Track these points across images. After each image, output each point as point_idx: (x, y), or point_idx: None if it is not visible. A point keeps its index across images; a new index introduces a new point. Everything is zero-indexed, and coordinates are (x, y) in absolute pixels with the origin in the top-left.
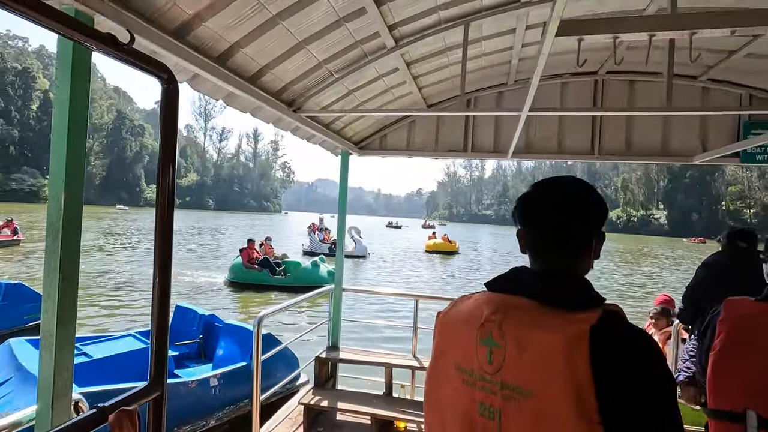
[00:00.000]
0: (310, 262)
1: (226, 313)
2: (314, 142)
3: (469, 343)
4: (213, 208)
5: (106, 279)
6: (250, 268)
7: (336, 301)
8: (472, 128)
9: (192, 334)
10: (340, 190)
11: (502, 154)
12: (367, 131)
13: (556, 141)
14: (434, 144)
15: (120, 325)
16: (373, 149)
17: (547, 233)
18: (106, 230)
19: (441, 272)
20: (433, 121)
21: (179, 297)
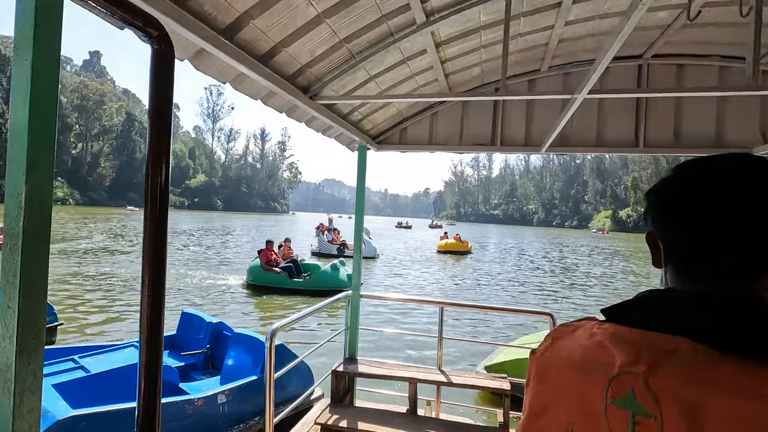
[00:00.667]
0: (329, 265)
1: (246, 320)
2: (330, 135)
3: (592, 401)
4: (221, 209)
5: (110, 281)
6: (268, 270)
7: (353, 309)
8: (501, 120)
9: (199, 343)
10: (358, 187)
11: (534, 148)
12: (386, 124)
13: (595, 132)
14: (459, 137)
15: (121, 332)
16: (392, 143)
17: (748, 240)
18: (116, 232)
19: (455, 272)
20: (457, 112)
21: (190, 302)
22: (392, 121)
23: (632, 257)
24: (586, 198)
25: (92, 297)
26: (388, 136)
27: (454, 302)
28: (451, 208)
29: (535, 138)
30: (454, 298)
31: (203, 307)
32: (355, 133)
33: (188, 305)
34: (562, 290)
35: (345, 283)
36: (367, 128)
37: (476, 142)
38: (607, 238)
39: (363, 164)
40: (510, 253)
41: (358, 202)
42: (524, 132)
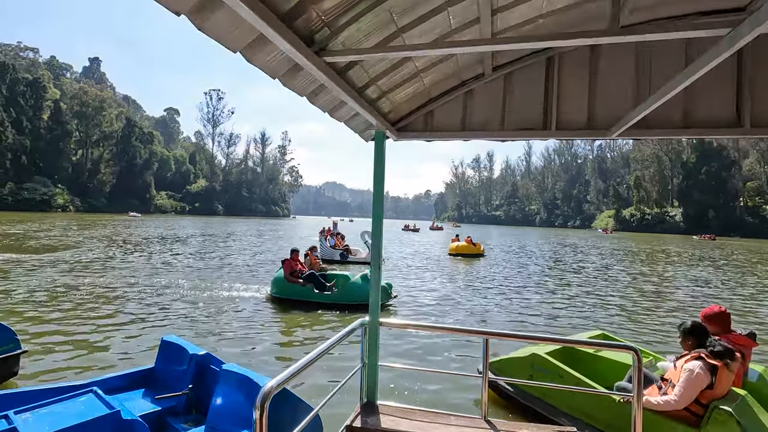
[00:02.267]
0: (359, 276)
1: (262, 348)
2: (340, 117)
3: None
4: (222, 214)
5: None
6: (293, 282)
7: (371, 340)
8: (557, 98)
9: (181, 379)
10: (375, 185)
11: (599, 133)
12: (408, 106)
13: (681, 111)
14: (500, 121)
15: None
16: (415, 131)
17: None
18: (126, 238)
19: (472, 279)
20: (498, 90)
21: (199, 320)
22: (416, 101)
23: (645, 256)
24: (589, 198)
25: (69, 317)
26: (410, 121)
27: (503, 332)
28: (452, 210)
29: (601, 121)
30: (488, 316)
31: (216, 325)
32: (371, 114)
33: (201, 323)
34: (608, 300)
35: None
36: (385, 110)
37: (523, 127)
38: (613, 238)
39: (381, 156)
40: (525, 255)
41: (376, 203)
42: (586, 114)
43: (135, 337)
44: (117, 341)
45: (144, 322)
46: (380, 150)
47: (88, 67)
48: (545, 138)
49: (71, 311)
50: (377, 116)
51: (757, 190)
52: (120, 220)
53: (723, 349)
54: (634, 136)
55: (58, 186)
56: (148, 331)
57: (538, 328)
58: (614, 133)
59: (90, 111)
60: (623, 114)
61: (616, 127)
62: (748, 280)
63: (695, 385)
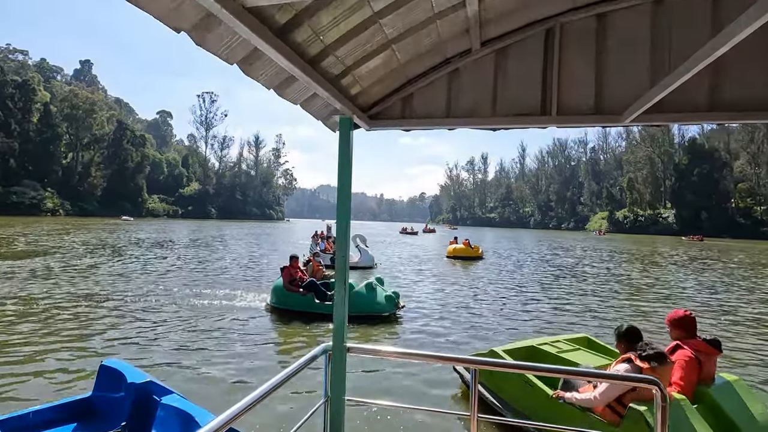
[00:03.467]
0: (363, 285)
1: (252, 363)
2: (293, 97)
3: None
4: (215, 217)
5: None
6: (292, 291)
7: (336, 369)
8: (558, 79)
9: (119, 409)
10: (340, 179)
11: (611, 117)
12: (381, 89)
13: (707, 91)
14: (491, 105)
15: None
16: (391, 118)
17: None
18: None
19: (476, 284)
20: (489, 69)
21: (190, 335)
22: (391, 83)
23: (644, 259)
24: (582, 200)
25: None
26: (385, 107)
27: (494, 361)
28: (447, 212)
29: (611, 104)
30: (496, 325)
31: (199, 341)
32: (334, 96)
33: (184, 338)
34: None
35: (383, 307)
36: (353, 92)
37: (518, 112)
38: (606, 240)
39: (346, 146)
40: (524, 258)
41: (342, 203)
42: (593, 97)
43: (87, 358)
44: (61, 363)
45: (122, 337)
46: (346, 139)
47: (79, 69)
48: (545, 125)
49: (15, 326)
50: (340, 97)
51: (748, 191)
52: (109, 224)
53: (652, 353)
54: (650, 122)
55: (47, 190)
56: (119, 349)
57: (551, 330)
58: (627, 118)
59: (80, 113)
60: (637, 96)
61: (629, 112)
62: (722, 281)
63: (616, 386)
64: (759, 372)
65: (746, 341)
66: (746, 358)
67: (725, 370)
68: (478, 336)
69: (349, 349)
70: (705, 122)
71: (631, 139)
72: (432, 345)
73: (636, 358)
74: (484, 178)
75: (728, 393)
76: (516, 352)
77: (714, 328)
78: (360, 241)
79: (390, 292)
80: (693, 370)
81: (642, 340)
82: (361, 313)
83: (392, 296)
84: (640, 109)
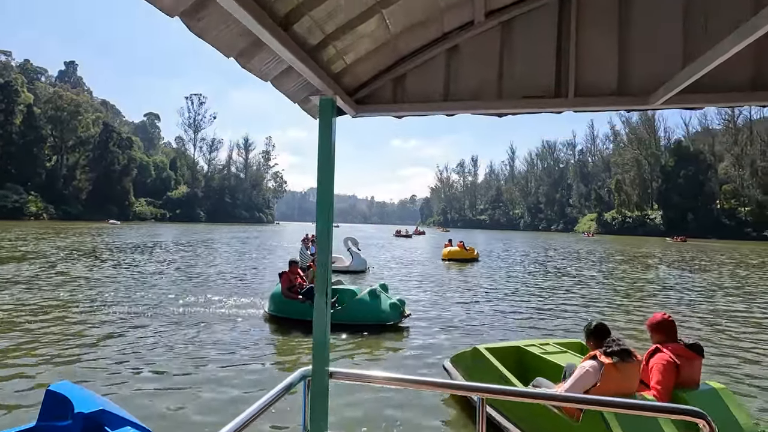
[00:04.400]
0: (367, 291)
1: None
2: (262, 72)
3: None
4: (204, 221)
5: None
6: (290, 297)
7: (316, 398)
8: (575, 55)
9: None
10: (320, 171)
11: (638, 99)
12: (369, 67)
13: (750, 69)
14: (496, 88)
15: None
16: (381, 102)
17: None
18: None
19: (477, 288)
20: (494, 46)
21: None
22: (380, 60)
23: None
24: (571, 201)
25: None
26: (374, 89)
27: (506, 389)
28: (438, 215)
29: (638, 85)
30: (508, 331)
31: (188, 355)
32: (312, 71)
33: (172, 352)
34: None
35: (388, 315)
36: (335, 69)
37: (529, 94)
38: (595, 241)
39: (328, 134)
40: (520, 260)
41: (322, 201)
42: (616, 76)
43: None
44: (7, 386)
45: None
46: (327, 125)
47: (63, 71)
48: (560, 109)
49: None
50: (320, 73)
51: (732, 192)
52: (93, 228)
53: (617, 349)
54: (684, 105)
55: (30, 193)
56: (77, 370)
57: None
58: (658, 100)
59: (65, 115)
60: (668, 75)
61: (659, 94)
62: (695, 280)
63: (581, 382)
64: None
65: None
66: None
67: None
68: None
69: (331, 374)
70: (747, 104)
71: (619, 141)
72: (443, 357)
73: (601, 354)
74: (474, 180)
75: (710, 400)
76: (500, 351)
77: (715, 329)
78: (352, 244)
79: (395, 300)
80: (670, 375)
81: (609, 336)
82: (364, 321)
83: (397, 304)
84: (673, 91)
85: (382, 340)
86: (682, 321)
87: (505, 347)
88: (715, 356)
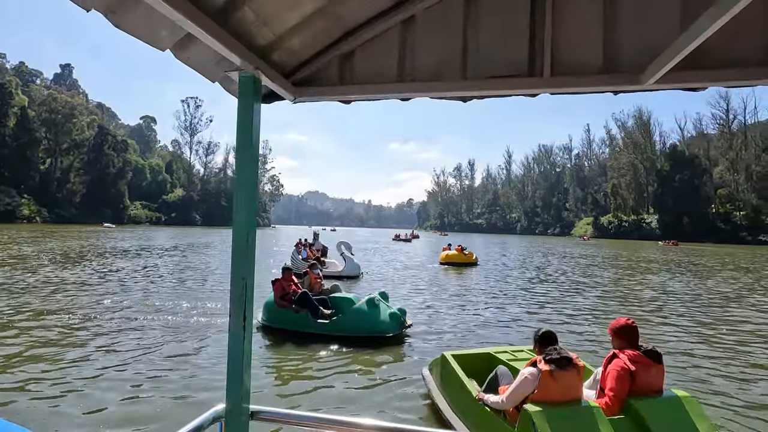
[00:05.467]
0: (365, 300)
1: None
2: (160, 41)
3: None
4: (200, 224)
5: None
6: (284, 307)
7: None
8: (551, 27)
9: None
10: (239, 159)
11: (626, 77)
12: (310, 41)
13: (759, 38)
14: (461, 65)
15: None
16: (325, 84)
17: None
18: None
19: (480, 294)
20: (456, 16)
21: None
22: (323, 35)
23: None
24: (567, 205)
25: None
26: (317, 68)
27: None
28: (435, 219)
29: (627, 60)
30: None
31: (164, 373)
32: (224, 43)
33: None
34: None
35: (387, 326)
36: (259, 41)
37: (498, 73)
38: (590, 245)
39: (248, 115)
40: (519, 264)
41: (242, 199)
42: (601, 50)
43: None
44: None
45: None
46: (247, 106)
47: (59, 73)
48: (534, 90)
49: None
50: (232, 43)
51: (727, 197)
52: (85, 231)
53: (556, 357)
54: (681, 84)
55: (23, 196)
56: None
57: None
58: (649, 79)
59: (60, 118)
60: (662, 47)
61: (652, 70)
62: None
63: (520, 388)
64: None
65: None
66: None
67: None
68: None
69: (252, 414)
70: (759, 82)
71: (615, 145)
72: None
73: (540, 361)
74: (471, 184)
75: (668, 408)
76: (470, 358)
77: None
78: (345, 248)
79: (395, 309)
80: (624, 382)
81: (555, 344)
82: (361, 333)
83: (397, 314)
84: (667, 65)
85: (376, 355)
86: (686, 327)
87: (476, 353)
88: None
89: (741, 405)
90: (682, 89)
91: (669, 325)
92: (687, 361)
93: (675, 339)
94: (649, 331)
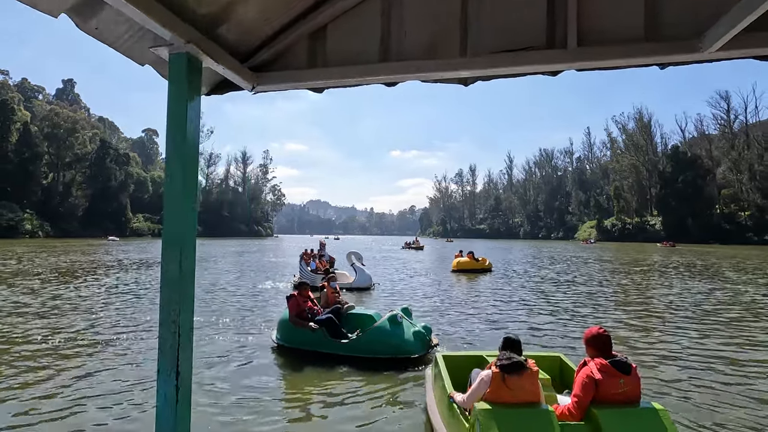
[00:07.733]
0: (386, 318)
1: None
2: (86, 22)
3: None
4: (202, 235)
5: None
6: (300, 325)
7: None
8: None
9: None
10: (170, 154)
11: (676, 46)
12: (271, 16)
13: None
14: (459, 40)
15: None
16: (291, 68)
17: None
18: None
19: (499, 304)
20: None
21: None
22: (287, 6)
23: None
24: (570, 209)
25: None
26: (280, 50)
27: None
28: (437, 225)
29: (676, 26)
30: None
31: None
32: (142, 8)
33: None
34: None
35: (412, 347)
36: (197, 10)
37: (509, 47)
38: (594, 248)
39: (181, 102)
40: (533, 270)
41: (172, 209)
42: (642, 14)
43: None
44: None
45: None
46: (180, 90)
47: (61, 89)
48: (555, 66)
49: None
50: (156, 8)
51: (732, 197)
52: (87, 245)
53: (506, 363)
54: (748, 52)
55: (26, 211)
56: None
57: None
58: (708, 47)
59: (62, 133)
60: (721, 10)
61: (715, 33)
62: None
63: (478, 388)
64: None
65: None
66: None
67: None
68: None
69: None
70: None
71: (616, 147)
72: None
73: (493, 365)
74: (473, 189)
75: (631, 419)
76: (460, 359)
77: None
78: (355, 258)
79: (420, 327)
80: (587, 389)
81: (515, 349)
82: (383, 355)
83: (422, 332)
84: (736, 27)
85: (406, 384)
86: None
87: (468, 356)
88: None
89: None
90: (754, 58)
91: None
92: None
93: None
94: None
